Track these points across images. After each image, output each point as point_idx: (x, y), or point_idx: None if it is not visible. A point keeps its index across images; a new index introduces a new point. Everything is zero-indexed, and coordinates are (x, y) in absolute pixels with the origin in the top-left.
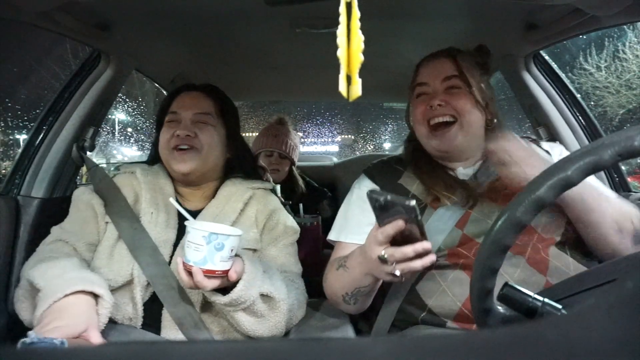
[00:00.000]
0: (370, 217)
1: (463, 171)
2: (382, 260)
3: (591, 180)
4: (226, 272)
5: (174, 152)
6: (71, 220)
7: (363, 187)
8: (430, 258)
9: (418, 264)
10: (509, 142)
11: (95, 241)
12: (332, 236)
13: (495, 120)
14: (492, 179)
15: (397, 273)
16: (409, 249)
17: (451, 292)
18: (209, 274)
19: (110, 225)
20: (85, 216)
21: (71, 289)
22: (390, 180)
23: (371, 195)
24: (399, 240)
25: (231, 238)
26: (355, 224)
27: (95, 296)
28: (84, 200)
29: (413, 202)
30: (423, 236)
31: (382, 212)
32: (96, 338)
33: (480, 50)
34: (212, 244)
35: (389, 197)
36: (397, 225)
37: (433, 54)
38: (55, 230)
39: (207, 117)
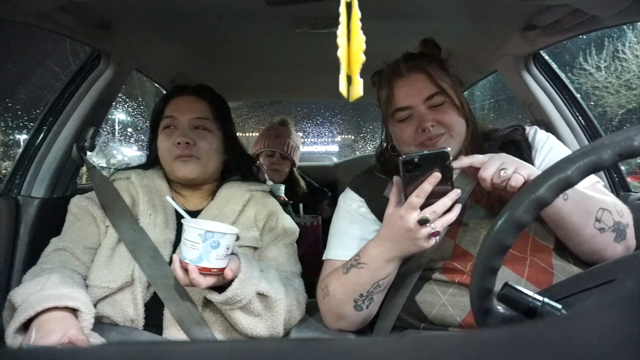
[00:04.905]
0: (361, 231)
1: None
2: (423, 222)
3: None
4: (222, 270)
5: (176, 160)
6: (68, 228)
7: (349, 200)
8: (459, 206)
9: (452, 215)
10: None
11: (95, 244)
12: (324, 256)
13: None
14: (473, 182)
15: (440, 229)
16: (446, 200)
17: (451, 307)
18: (205, 271)
19: (111, 228)
20: (82, 222)
21: (42, 306)
22: (375, 191)
23: (405, 159)
24: (429, 198)
25: (227, 236)
26: (346, 239)
27: (74, 310)
28: (80, 207)
29: (448, 148)
30: (452, 184)
31: (414, 172)
32: (79, 337)
33: (428, 46)
34: (208, 242)
35: (425, 151)
36: (434, 178)
37: (402, 70)
38: (53, 240)
39: (204, 122)
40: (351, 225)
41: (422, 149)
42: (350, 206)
